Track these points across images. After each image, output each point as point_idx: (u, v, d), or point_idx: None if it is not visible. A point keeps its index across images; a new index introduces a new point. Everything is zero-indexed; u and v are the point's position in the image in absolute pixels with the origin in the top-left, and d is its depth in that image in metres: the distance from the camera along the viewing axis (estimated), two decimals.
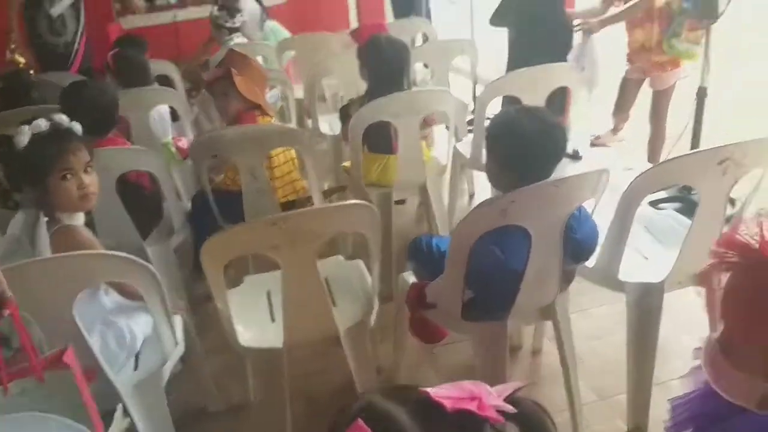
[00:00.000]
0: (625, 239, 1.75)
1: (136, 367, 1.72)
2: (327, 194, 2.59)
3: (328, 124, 3.33)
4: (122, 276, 1.56)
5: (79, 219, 1.75)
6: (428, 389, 0.61)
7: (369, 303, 1.85)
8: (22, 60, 3.41)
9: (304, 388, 2.15)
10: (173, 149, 2.99)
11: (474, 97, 3.86)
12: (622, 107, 3.58)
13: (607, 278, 1.85)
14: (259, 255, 1.75)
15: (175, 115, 3.16)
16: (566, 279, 1.80)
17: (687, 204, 2.66)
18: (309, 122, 3.45)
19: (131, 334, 1.73)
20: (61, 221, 1.68)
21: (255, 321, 1.84)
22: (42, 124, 1.67)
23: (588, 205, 1.67)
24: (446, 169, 2.81)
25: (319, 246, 1.58)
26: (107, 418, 1.82)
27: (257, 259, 2.22)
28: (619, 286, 1.84)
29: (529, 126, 1.55)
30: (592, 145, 3.80)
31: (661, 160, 2.61)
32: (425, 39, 4.13)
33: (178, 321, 1.88)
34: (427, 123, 2.74)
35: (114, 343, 1.70)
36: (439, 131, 2.94)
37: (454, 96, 2.48)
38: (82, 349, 1.51)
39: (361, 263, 2.04)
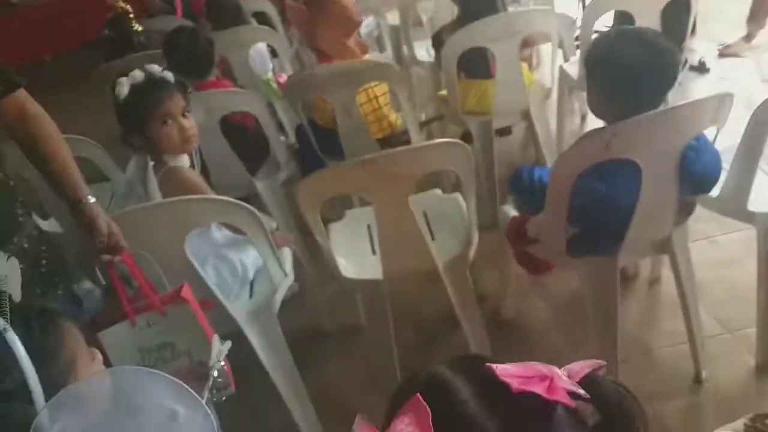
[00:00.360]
0: (756, 165, 1.57)
1: (251, 295, 1.82)
2: (424, 125, 2.52)
3: (426, 50, 3.20)
4: (225, 217, 1.63)
5: (184, 160, 1.82)
6: (496, 366, 0.57)
7: (468, 237, 1.81)
8: (123, 5, 3.54)
9: (411, 314, 2.21)
10: (274, 85, 3.02)
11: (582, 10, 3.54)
12: (757, 13, 3.13)
13: (735, 209, 1.68)
14: None
15: (275, 52, 3.18)
16: (685, 211, 1.66)
17: None
18: (405, 49, 3.35)
19: (243, 265, 1.82)
20: (167, 164, 1.76)
21: (357, 253, 1.87)
22: (137, 75, 1.73)
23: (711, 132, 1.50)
24: (551, 93, 2.64)
25: (411, 185, 1.54)
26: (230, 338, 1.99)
27: None
28: (748, 217, 1.67)
29: (634, 51, 1.39)
30: (721, 55, 3.40)
31: None
32: None
33: (287, 253, 1.95)
34: (527, 44, 2.57)
35: (228, 275, 1.80)
36: (545, 50, 2.75)
37: (556, 13, 2.28)
38: (198, 283, 1.62)
39: (459, 197, 1.99)
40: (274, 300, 1.79)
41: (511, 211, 1.86)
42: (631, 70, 1.40)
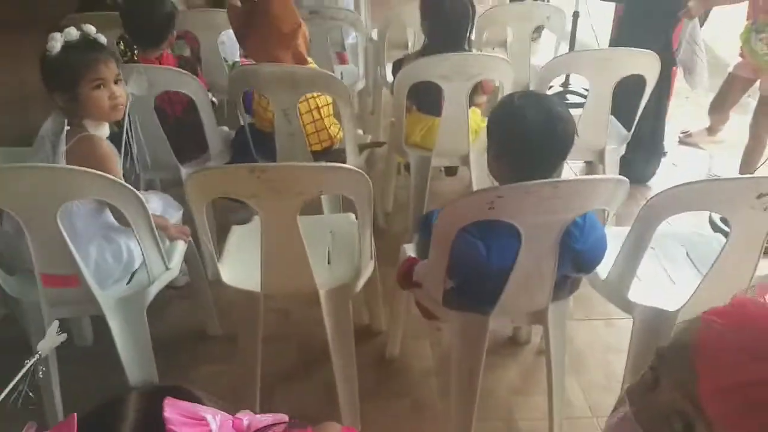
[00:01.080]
0: (640, 258, 1.56)
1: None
2: (364, 148, 2.50)
3: None
4: (109, 197, 1.58)
5: (104, 129, 1.78)
6: (171, 402, 0.56)
7: (357, 268, 1.78)
8: None
9: (297, 334, 2.17)
10: None
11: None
12: (721, 106, 3.16)
13: (616, 296, 1.67)
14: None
15: None
16: (567, 287, 1.65)
17: None
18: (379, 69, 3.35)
19: (129, 252, 1.78)
20: (87, 130, 1.70)
21: (245, 261, 1.82)
22: (72, 32, 1.69)
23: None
24: None
25: (300, 203, 1.51)
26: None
27: None
28: (627, 306, 1.66)
29: (531, 115, 1.38)
30: (681, 142, 3.43)
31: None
32: None
33: (179, 247, 1.92)
34: (484, 90, 2.57)
35: (110, 258, 1.76)
36: None
37: (509, 65, 2.27)
38: (68, 257, 1.58)
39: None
40: (147, 292, 1.75)
41: (410, 251, 1.83)
42: (525, 134, 1.39)
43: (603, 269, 1.67)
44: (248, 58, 2.62)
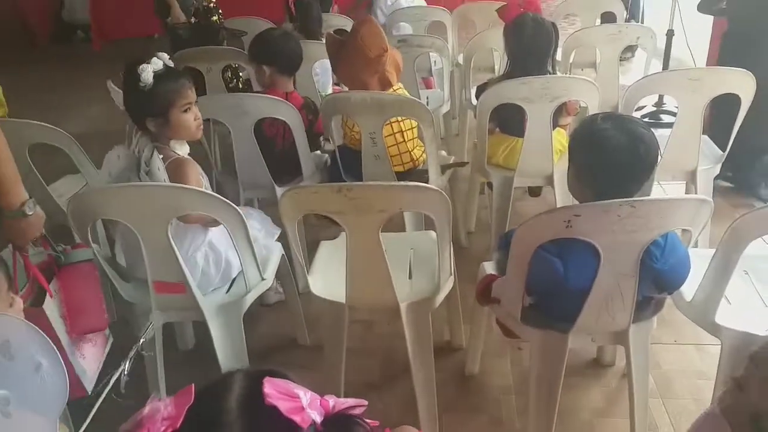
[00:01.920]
0: (726, 280, 1.52)
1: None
2: (447, 168, 2.57)
3: None
4: (213, 212, 1.74)
5: (186, 148, 1.93)
6: (275, 381, 0.65)
7: (437, 283, 1.85)
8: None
9: (382, 347, 2.25)
10: None
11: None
12: None
13: (702, 318, 1.63)
14: None
15: None
16: (650, 308, 1.63)
17: None
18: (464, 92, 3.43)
19: (227, 262, 1.94)
20: (174, 150, 1.86)
21: (332, 274, 1.94)
22: (157, 63, 1.81)
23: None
24: None
25: (382, 220, 1.60)
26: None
27: None
28: (714, 329, 1.62)
29: (614, 136, 1.40)
30: None
31: None
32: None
33: (273, 259, 2.06)
34: (568, 112, 2.58)
35: (212, 267, 1.92)
36: None
37: (593, 86, 2.27)
38: (175, 266, 1.75)
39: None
40: (244, 300, 1.90)
41: (489, 269, 1.88)
42: (607, 155, 1.41)
43: (689, 291, 1.64)
44: (339, 85, 2.77)
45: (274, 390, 0.63)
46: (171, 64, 1.85)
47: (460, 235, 2.82)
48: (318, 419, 0.63)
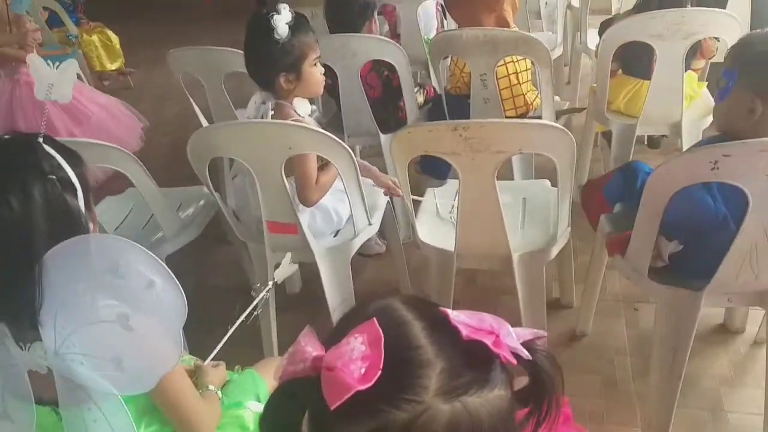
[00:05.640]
0: None
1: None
2: (562, 114, 2.40)
3: None
4: (322, 151, 1.69)
5: (308, 108, 1.83)
6: (449, 311, 0.60)
7: (553, 234, 1.73)
8: None
9: (488, 301, 2.17)
10: None
11: None
12: None
13: None
14: None
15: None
16: None
17: None
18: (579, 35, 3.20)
19: (337, 214, 1.89)
20: (296, 110, 1.76)
21: (437, 221, 1.88)
22: (286, 14, 1.71)
23: None
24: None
25: (499, 161, 1.50)
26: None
27: None
28: None
29: None
30: None
31: None
32: None
33: (379, 205, 2.01)
34: (702, 54, 2.32)
35: (320, 220, 1.88)
36: None
37: (736, 21, 2.01)
38: (288, 207, 1.73)
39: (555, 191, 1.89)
40: (352, 244, 1.87)
41: (607, 224, 1.73)
42: None
43: None
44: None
45: (458, 321, 0.57)
46: (292, 12, 1.73)
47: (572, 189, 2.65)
48: (516, 345, 0.57)
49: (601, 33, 2.42)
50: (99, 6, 5.12)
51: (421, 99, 2.67)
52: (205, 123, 2.67)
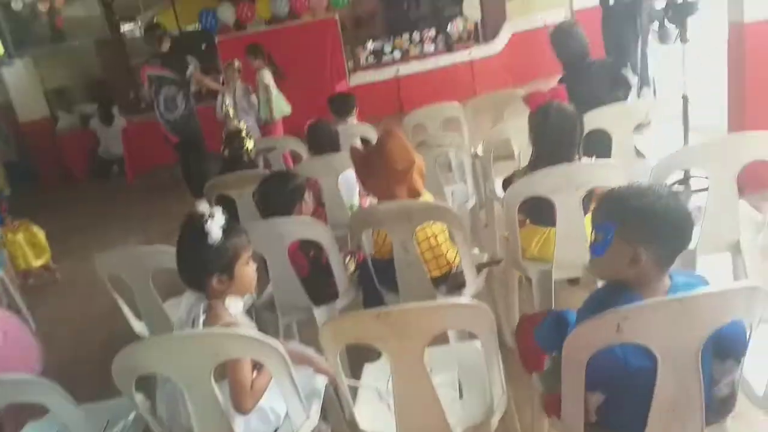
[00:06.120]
0: None
1: None
2: (482, 267, 2.53)
3: None
4: (253, 354, 1.70)
5: (240, 306, 1.83)
6: None
7: (491, 405, 1.76)
8: (240, 126, 4.00)
9: None
10: None
11: None
12: None
13: None
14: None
15: None
16: (721, 409, 1.51)
17: None
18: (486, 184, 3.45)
19: (274, 413, 1.85)
20: (228, 309, 1.77)
21: (378, 404, 1.87)
22: (218, 217, 1.76)
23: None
24: None
25: (425, 342, 1.55)
26: None
27: None
28: None
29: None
30: None
31: None
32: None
33: (318, 390, 1.97)
34: (596, 200, 2.54)
35: (256, 423, 1.82)
36: None
37: (620, 170, 2.25)
38: (221, 418, 1.69)
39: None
40: None
41: (540, 386, 1.78)
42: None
43: (759, 386, 1.53)
44: (368, 195, 2.81)
45: None
46: (225, 215, 1.77)
47: (505, 335, 2.73)
48: None
49: (504, 188, 2.63)
50: (23, 200, 5.16)
51: (352, 266, 2.75)
52: (134, 322, 2.65)
